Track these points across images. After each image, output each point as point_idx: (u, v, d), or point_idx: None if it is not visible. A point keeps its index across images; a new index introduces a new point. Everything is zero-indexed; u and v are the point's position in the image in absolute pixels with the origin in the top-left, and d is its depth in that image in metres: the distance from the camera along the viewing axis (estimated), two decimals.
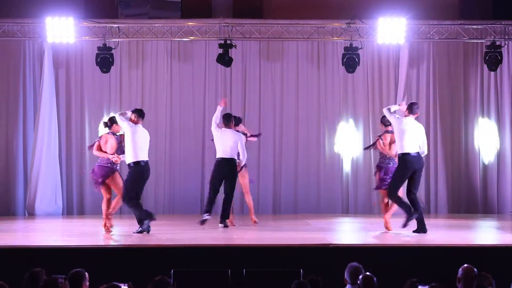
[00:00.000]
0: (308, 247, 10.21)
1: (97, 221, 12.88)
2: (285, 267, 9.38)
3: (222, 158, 12.56)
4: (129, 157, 11.54)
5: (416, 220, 11.52)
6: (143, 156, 11.60)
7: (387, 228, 11.83)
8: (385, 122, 12.06)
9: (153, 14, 15.95)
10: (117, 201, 11.81)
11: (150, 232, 11.53)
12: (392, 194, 11.54)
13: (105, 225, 11.75)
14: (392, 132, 11.79)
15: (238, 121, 13.12)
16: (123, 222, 14.12)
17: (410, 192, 11.52)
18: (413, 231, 11.53)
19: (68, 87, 15.92)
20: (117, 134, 11.96)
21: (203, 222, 12.47)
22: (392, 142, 11.89)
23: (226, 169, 12.56)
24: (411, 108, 11.58)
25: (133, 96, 15.97)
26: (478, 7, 16.12)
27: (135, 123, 11.63)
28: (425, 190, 15.98)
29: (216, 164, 12.68)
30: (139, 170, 11.58)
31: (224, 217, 12.65)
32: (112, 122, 12.02)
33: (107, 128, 12.07)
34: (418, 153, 11.42)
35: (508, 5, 15.85)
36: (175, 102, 16.03)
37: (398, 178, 11.50)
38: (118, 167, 11.93)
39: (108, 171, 11.77)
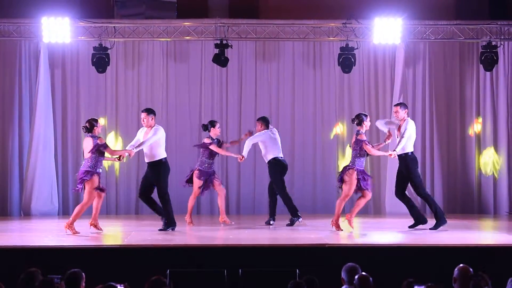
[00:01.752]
0: (304, 247, 10.21)
1: None
2: (281, 267, 9.39)
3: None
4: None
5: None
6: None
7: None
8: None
9: (149, 14, 15.93)
10: None
11: (147, 232, 11.55)
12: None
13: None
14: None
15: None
16: (118, 222, 14.14)
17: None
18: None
19: (64, 87, 15.90)
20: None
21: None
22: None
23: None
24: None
25: (129, 96, 15.97)
26: (474, 7, 16.12)
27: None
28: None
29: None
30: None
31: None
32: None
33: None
34: None
35: (504, 5, 15.87)
36: (171, 102, 16.02)
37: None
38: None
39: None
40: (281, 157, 13.19)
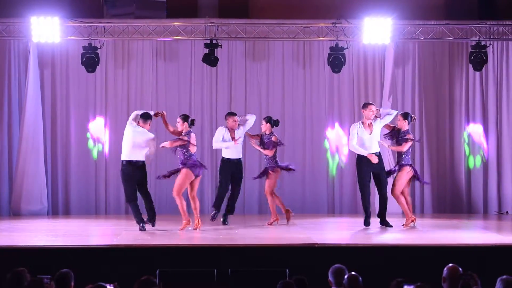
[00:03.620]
0: (294, 247, 10.23)
1: (82, 221, 12.87)
2: (271, 267, 9.39)
3: None
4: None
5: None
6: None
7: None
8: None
9: (139, 13, 15.90)
10: None
11: (137, 232, 11.55)
12: None
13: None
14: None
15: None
16: (108, 222, 14.13)
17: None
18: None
19: (54, 87, 15.87)
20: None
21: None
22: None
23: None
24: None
25: (119, 95, 15.94)
26: (463, 7, 16.16)
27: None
28: (410, 190, 15.99)
29: None
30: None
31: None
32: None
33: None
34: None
35: (493, 6, 15.92)
36: (161, 101, 15.98)
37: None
38: None
39: None
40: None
